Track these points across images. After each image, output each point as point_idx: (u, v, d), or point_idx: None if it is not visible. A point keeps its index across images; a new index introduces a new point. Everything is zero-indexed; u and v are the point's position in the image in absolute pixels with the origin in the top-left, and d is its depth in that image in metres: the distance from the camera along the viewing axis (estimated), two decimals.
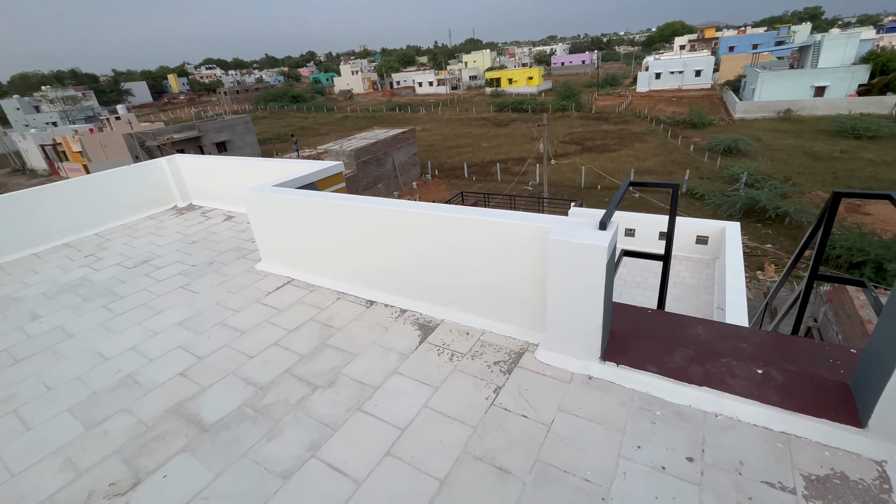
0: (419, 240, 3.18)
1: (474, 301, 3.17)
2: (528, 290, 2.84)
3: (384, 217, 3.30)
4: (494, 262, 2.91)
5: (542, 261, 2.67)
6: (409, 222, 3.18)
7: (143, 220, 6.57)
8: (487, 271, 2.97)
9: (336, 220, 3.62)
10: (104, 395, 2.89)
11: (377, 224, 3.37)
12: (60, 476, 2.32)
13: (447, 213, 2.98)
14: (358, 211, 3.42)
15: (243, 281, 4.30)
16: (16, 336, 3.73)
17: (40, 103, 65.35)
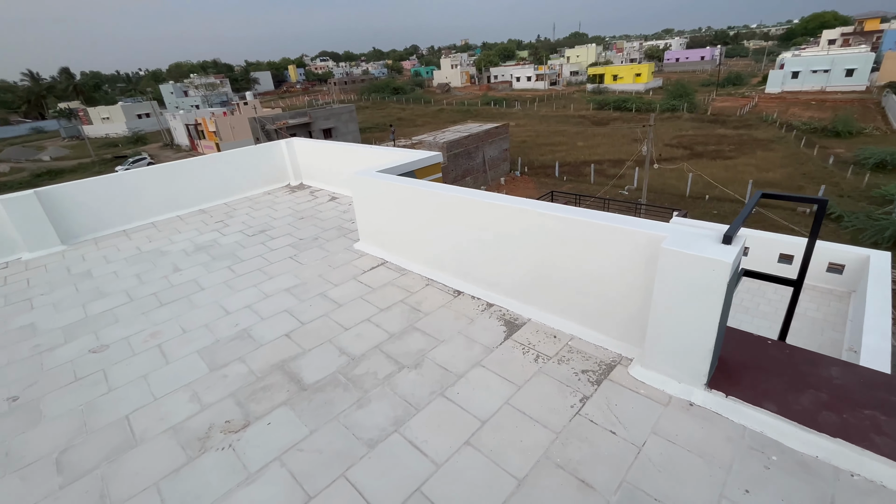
0: (514, 236, 3.14)
1: (566, 304, 3.05)
2: (628, 300, 2.67)
3: (481, 210, 3.31)
4: (593, 267, 2.77)
5: (647, 271, 2.48)
6: (507, 217, 3.16)
7: (261, 194, 7.37)
8: (584, 275, 2.84)
9: (433, 208, 3.72)
10: (224, 344, 3.31)
11: (473, 216, 3.39)
12: (189, 406, 2.71)
13: (549, 212, 2.89)
14: (456, 202, 3.48)
15: (343, 258, 4.63)
16: (162, 283, 4.42)
17: (188, 88, 76.37)
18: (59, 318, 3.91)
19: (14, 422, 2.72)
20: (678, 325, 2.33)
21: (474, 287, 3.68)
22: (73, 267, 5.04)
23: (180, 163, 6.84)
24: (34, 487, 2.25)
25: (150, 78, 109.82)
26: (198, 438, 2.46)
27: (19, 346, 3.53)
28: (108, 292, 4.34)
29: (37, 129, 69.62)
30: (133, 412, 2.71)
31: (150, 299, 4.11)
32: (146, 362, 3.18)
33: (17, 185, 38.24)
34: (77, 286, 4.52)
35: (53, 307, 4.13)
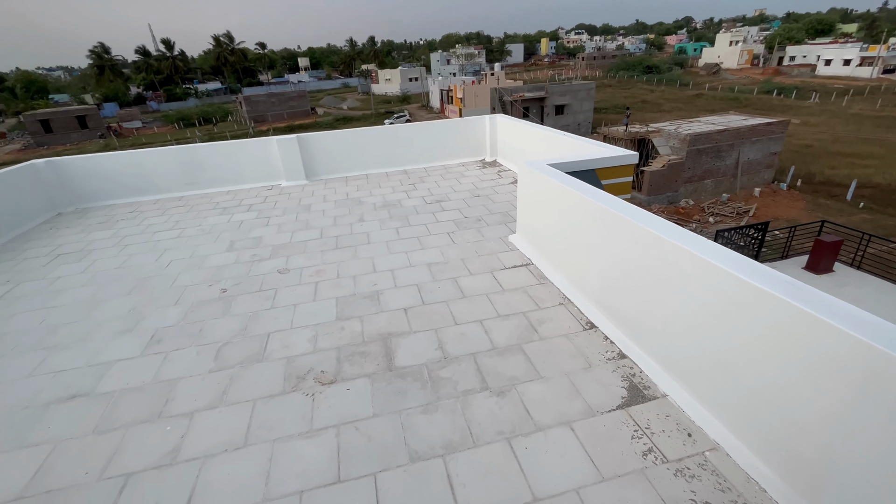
0: (683, 286, 2.34)
1: (727, 400, 2.15)
2: (819, 428, 1.67)
3: (646, 240, 2.57)
4: (782, 364, 1.82)
5: (866, 401, 1.46)
6: (678, 259, 2.37)
7: (456, 164, 7.76)
8: (763, 372, 1.90)
9: (588, 221, 3.11)
10: (357, 299, 3.66)
11: (635, 244, 2.67)
12: (306, 344, 3.12)
13: (744, 274, 2.00)
14: (615, 220, 2.80)
15: (491, 247, 4.46)
16: (346, 229, 5.19)
17: (451, 57, 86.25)
18: (275, 237, 5.06)
19: (216, 308, 3.68)
20: None
21: (612, 326, 2.99)
22: (304, 199, 6.41)
23: (403, 126, 7.75)
24: (197, 364, 2.99)
25: (426, 47, 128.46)
26: (297, 376, 2.81)
27: (245, 252, 4.74)
28: (312, 226, 5.35)
29: (345, 84, 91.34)
30: (274, 332, 3.29)
31: (333, 240, 4.88)
32: (302, 293, 3.80)
33: (325, 125, 51.60)
34: (297, 216, 5.75)
35: (277, 228, 5.37)
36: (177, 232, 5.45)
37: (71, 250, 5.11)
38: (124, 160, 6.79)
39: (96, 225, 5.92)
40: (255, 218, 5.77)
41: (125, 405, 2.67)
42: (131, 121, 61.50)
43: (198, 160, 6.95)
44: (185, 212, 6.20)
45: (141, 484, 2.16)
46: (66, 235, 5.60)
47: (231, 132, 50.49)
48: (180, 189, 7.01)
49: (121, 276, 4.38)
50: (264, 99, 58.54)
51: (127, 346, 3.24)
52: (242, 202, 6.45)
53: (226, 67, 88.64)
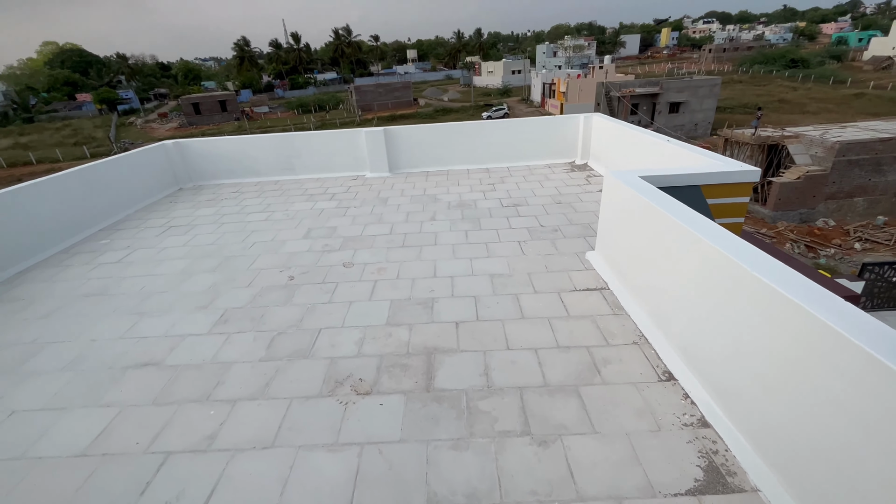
0: (805, 359, 1.79)
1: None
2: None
3: (757, 293, 2.01)
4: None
5: None
6: (805, 329, 1.81)
7: (542, 166, 7.28)
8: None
9: (680, 250, 2.58)
10: (412, 304, 3.53)
11: (739, 291, 2.13)
12: (351, 347, 3.06)
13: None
14: (716, 256, 2.26)
15: (565, 263, 4.03)
16: (415, 227, 5.10)
17: (558, 49, 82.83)
18: (348, 229, 5.16)
19: (280, 295, 3.82)
20: None
21: (697, 382, 2.46)
22: (383, 192, 6.49)
23: (489, 123, 7.48)
24: (252, 350, 3.10)
25: (533, 39, 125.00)
26: (335, 380, 2.76)
27: (319, 241, 4.89)
28: (384, 220, 5.37)
29: (448, 76, 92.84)
30: (325, 328, 3.30)
31: (401, 237, 4.83)
32: (360, 291, 3.78)
33: (424, 116, 53.16)
34: (373, 208, 5.82)
35: (352, 219, 5.48)
36: (266, 215, 5.85)
37: (180, 223, 5.75)
38: (233, 145, 7.50)
39: (205, 202, 6.62)
40: (336, 207, 5.96)
41: (184, 381, 2.85)
42: (260, 106, 69.34)
43: (294, 148, 7.41)
44: (277, 196, 6.66)
45: (176, 465, 2.25)
46: (180, 209, 6.34)
47: (340, 119, 54.40)
48: (277, 174, 7.56)
49: (211, 252, 4.79)
50: (372, 89, 61.94)
51: (199, 322, 3.49)
52: (328, 190, 6.74)
53: (342, 59, 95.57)
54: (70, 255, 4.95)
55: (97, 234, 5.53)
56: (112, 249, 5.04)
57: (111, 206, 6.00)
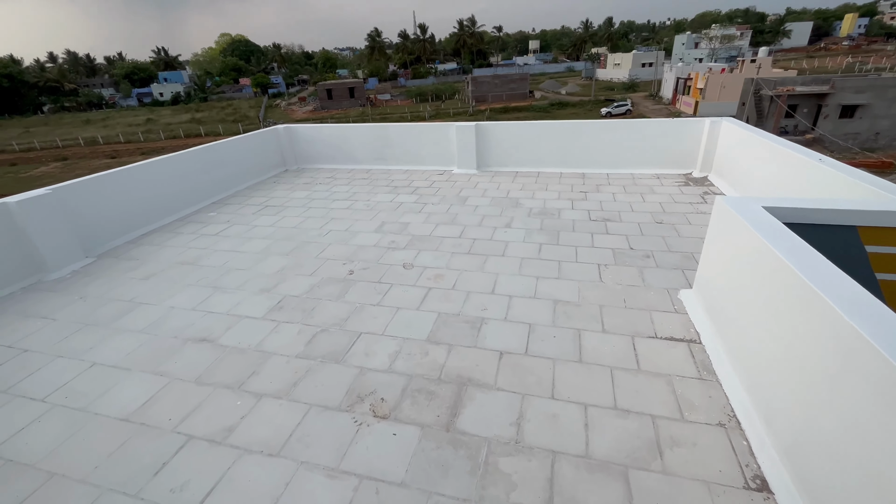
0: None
1: None
2: None
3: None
4: None
5: None
6: None
7: (649, 176, 6.33)
8: None
9: (806, 317, 1.87)
10: (457, 322, 3.24)
11: (883, 392, 1.44)
12: (384, 359, 2.89)
13: None
14: (858, 346, 1.56)
15: (650, 299, 3.36)
16: (488, 232, 4.76)
17: (701, 40, 73.40)
18: (419, 227, 5.02)
19: (335, 289, 3.82)
20: None
21: (801, 502, 1.78)
22: (464, 190, 6.24)
23: (589, 123, 6.74)
24: (293, 344, 3.11)
25: (673, 28, 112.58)
26: (358, 395, 2.61)
27: (388, 236, 4.83)
28: (457, 222, 5.12)
29: (569, 69, 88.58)
30: (365, 333, 3.18)
31: (469, 243, 4.54)
32: (410, 297, 3.60)
33: (538, 109, 51.54)
34: (450, 207, 5.60)
35: (426, 217, 5.33)
36: (348, 203, 6.01)
37: (275, 204, 6.20)
38: (335, 132, 7.88)
39: (301, 185, 7.06)
40: (414, 202, 5.88)
41: (227, 363, 2.96)
42: (383, 94, 73.88)
43: (388, 138, 7.52)
44: (364, 184, 6.82)
45: (192, 451, 2.31)
46: (279, 190, 6.85)
47: (454, 109, 55.43)
48: (370, 163, 7.77)
49: (291, 235, 5.03)
50: (488, 80, 61.83)
51: (259, 305, 3.64)
52: (412, 184, 6.71)
53: (463, 49, 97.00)
54: (184, 224, 5.63)
55: (210, 206, 6.22)
56: (216, 222, 5.60)
57: (225, 181, 6.71)
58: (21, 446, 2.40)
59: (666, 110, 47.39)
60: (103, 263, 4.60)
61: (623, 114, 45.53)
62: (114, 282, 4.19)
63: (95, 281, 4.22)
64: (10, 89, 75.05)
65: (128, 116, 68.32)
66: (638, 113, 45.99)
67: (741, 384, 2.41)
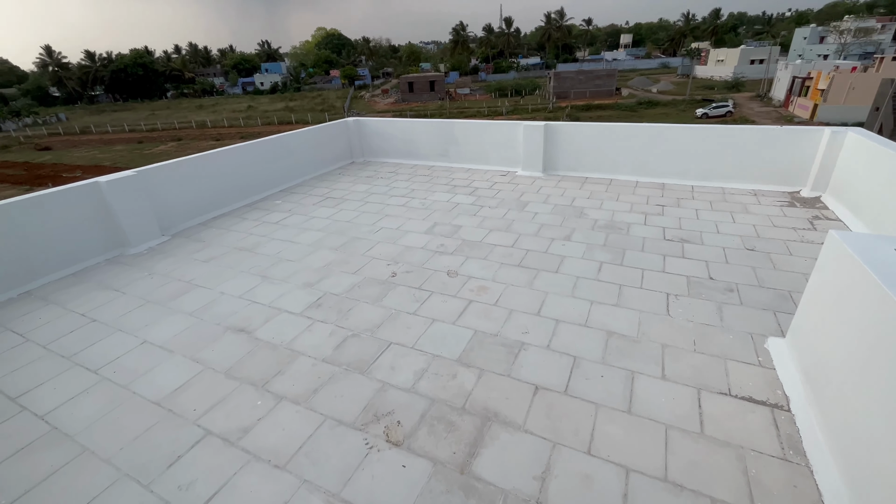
0: None
1: None
2: None
3: None
4: None
5: None
6: None
7: (744, 191, 5.47)
8: None
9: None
10: (493, 345, 2.96)
11: None
12: (409, 376, 2.70)
13: None
14: None
15: (726, 345, 2.82)
16: (542, 245, 4.38)
17: (829, 33, 63.89)
18: (471, 232, 4.77)
19: (375, 291, 3.71)
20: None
21: None
22: (526, 195, 5.86)
23: (673, 127, 5.99)
24: (322, 346, 3.04)
25: (793, 20, 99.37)
26: (374, 413, 2.45)
27: (437, 239, 4.64)
28: (512, 230, 4.79)
29: (664, 64, 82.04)
30: (394, 344, 3.02)
31: (521, 255, 4.21)
32: (448, 309, 3.38)
33: (624, 108, 48.41)
34: (507, 213, 5.28)
35: (480, 221, 5.06)
36: (405, 200, 5.92)
37: (335, 196, 6.29)
38: (401, 126, 7.85)
39: (364, 178, 7.13)
40: (471, 204, 5.63)
41: (257, 358, 2.96)
42: (463, 88, 74.03)
43: (452, 135, 7.33)
44: (423, 182, 6.70)
45: (206, 448, 2.30)
46: (342, 182, 6.96)
47: (532, 105, 53.92)
48: (433, 159, 7.64)
49: (344, 230, 5.05)
50: (572, 76, 59.22)
51: (299, 300, 3.64)
52: (472, 184, 6.46)
53: (548, 43, 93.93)
54: (251, 210, 5.91)
55: (277, 194, 6.49)
56: (278, 210, 5.81)
57: (294, 170, 6.96)
58: (67, 415, 2.57)
59: (775, 114, 42.03)
60: (175, 242, 4.94)
61: (722, 116, 41.19)
62: (179, 261, 4.47)
63: (165, 259, 4.54)
64: (143, 77, 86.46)
65: (233, 103, 75.55)
66: (740, 116, 41.30)
67: (841, 476, 1.88)
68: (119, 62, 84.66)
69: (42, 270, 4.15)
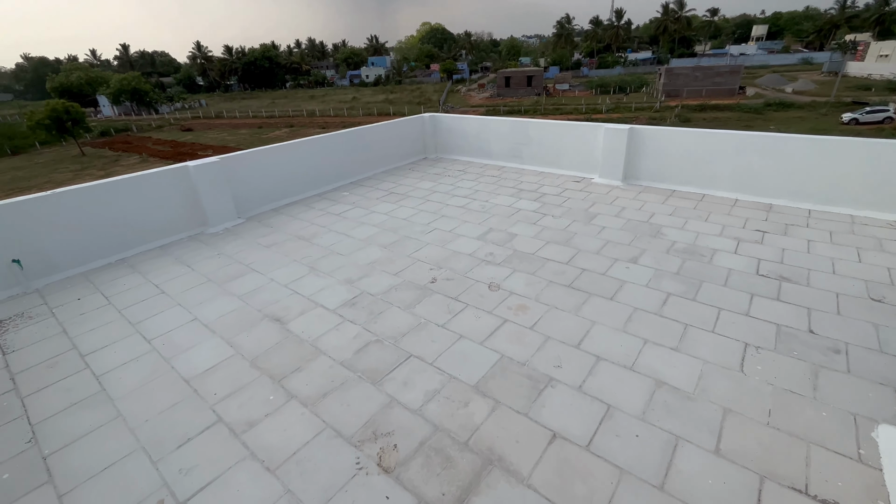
0: None
1: None
2: None
3: None
4: None
5: None
6: None
7: (882, 223, 4.35)
8: None
9: None
10: (518, 375, 2.67)
11: None
12: (418, 396, 2.54)
13: None
14: None
15: (817, 424, 2.21)
16: (601, 265, 3.90)
17: None
18: (524, 243, 4.44)
19: (410, 296, 3.59)
20: None
21: None
22: (596, 206, 5.32)
23: (798, 137, 4.97)
24: (342, 348, 3.01)
25: None
26: (374, 432, 2.33)
27: (487, 247, 4.39)
28: (571, 244, 4.36)
29: (805, 60, 70.54)
30: (414, 356, 2.87)
31: (574, 273, 3.79)
32: (479, 326, 3.14)
33: (746, 109, 42.66)
34: (570, 225, 4.82)
35: (537, 232, 4.69)
36: (466, 202, 5.72)
37: (399, 192, 6.31)
38: (475, 124, 7.63)
39: (431, 175, 7.07)
40: (533, 212, 5.26)
41: (283, 351, 3.02)
42: (562, 83, 71.10)
43: (526, 135, 6.93)
44: (491, 182, 6.44)
45: (213, 435, 2.37)
46: (409, 178, 6.97)
47: (636, 103, 49.97)
48: (505, 159, 7.32)
49: (398, 227, 5.01)
50: (687, 72, 53.62)
51: (337, 296, 3.66)
52: (540, 188, 6.05)
53: (663, 36, 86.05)
54: (319, 199, 6.17)
55: (346, 186, 6.70)
56: (344, 202, 5.99)
57: (366, 163, 7.14)
58: (115, 379, 2.84)
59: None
60: (247, 226, 5.32)
61: (878, 123, 34.24)
62: (246, 244, 4.79)
63: (235, 241, 4.90)
64: (268, 69, 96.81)
65: (340, 94, 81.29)
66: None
67: None
68: (250, 56, 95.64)
69: (136, 242, 4.72)
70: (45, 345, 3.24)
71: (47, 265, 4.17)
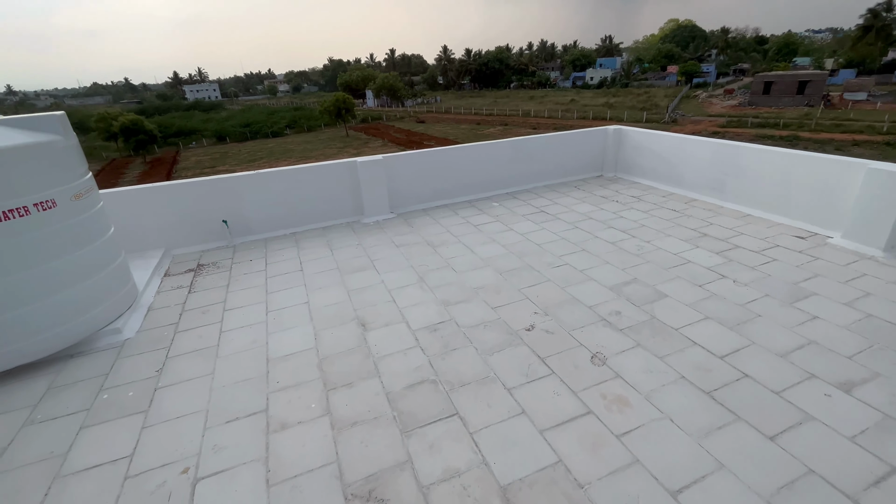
0: None
1: None
2: None
3: None
4: None
5: None
6: None
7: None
8: None
9: None
10: (533, 469, 1.97)
11: None
12: (436, 472, 2.14)
13: None
14: None
15: None
16: (794, 395, 2.60)
17: None
18: (671, 308, 3.34)
19: (493, 342, 3.13)
20: None
21: None
22: (815, 281, 3.62)
23: None
24: (397, 383, 2.81)
25: None
26: (368, 491, 2.06)
27: (613, 304, 3.48)
28: (746, 333, 3.06)
29: None
30: (454, 417, 2.46)
31: (727, 372, 2.63)
32: (551, 410, 2.48)
33: None
34: (762, 299, 3.41)
35: (703, 296, 3.47)
36: (621, 237, 4.72)
37: (549, 212, 5.68)
38: (670, 143, 6.23)
39: (598, 197, 6.14)
40: (708, 268, 3.95)
41: (348, 360, 3.02)
42: (856, 91, 53.38)
43: (738, 164, 5.26)
44: (666, 218, 5.16)
45: (252, 424, 2.52)
46: (569, 196, 6.21)
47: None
48: (699, 190, 5.78)
49: (525, 252, 4.50)
50: None
51: (424, 317, 3.48)
52: (734, 238, 4.51)
53: None
54: (468, 206, 6.10)
55: (500, 196, 6.44)
56: (488, 214, 5.75)
57: (527, 175, 6.71)
58: (228, 340, 3.34)
59: None
60: (394, 221, 5.66)
61: None
62: (383, 240, 5.08)
63: (377, 234, 5.26)
64: (498, 70, 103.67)
65: (559, 96, 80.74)
66: None
67: None
68: (484, 57, 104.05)
69: (307, 220, 5.57)
70: (211, 293, 4.10)
71: (245, 228, 5.30)
